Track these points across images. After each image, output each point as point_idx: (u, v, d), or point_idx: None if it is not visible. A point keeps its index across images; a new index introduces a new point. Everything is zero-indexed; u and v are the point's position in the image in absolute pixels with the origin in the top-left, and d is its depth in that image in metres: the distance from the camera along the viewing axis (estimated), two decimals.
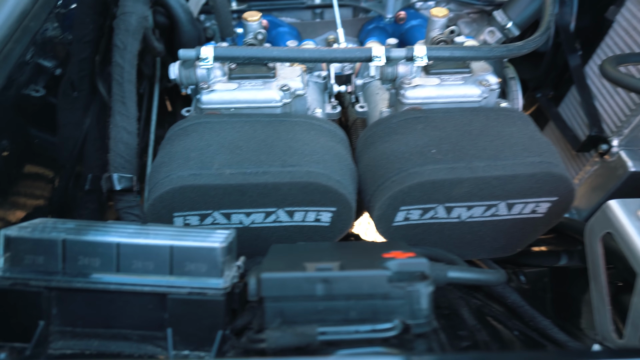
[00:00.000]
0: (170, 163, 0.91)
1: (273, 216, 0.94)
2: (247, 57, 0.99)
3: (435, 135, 0.96)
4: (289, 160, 0.90)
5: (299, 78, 1.06)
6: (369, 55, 1.00)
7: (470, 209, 0.95)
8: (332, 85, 1.26)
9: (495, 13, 1.50)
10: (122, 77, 1.05)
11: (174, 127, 1.02)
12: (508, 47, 1.07)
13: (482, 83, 1.06)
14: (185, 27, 1.30)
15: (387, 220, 0.95)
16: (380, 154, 0.97)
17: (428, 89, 1.05)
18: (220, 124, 0.98)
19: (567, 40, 1.71)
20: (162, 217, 0.91)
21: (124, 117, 1.05)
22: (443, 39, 1.11)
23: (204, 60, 0.98)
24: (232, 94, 1.03)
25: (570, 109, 1.78)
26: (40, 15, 0.80)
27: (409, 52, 1.00)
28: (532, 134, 0.98)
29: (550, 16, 1.29)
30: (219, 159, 0.89)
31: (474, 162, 0.90)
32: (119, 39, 1.06)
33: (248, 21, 1.11)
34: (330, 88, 1.26)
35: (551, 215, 0.98)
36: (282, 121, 1.00)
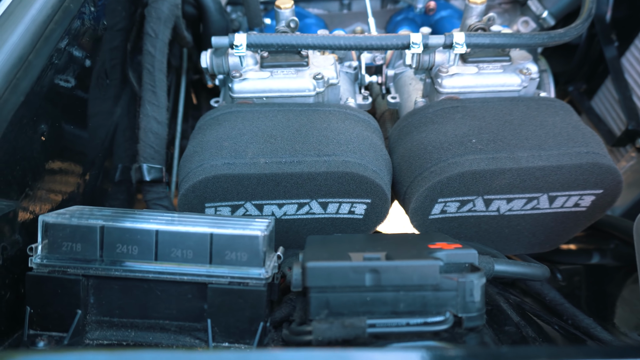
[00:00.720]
0: (203, 152, 0.89)
1: (306, 207, 0.91)
2: (281, 45, 0.97)
3: (475, 125, 0.92)
4: (325, 149, 0.87)
5: (332, 67, 1.04)
6: (407, 42, 0.97)
7: (510, 201, 0.91)
8: (363, 75, 1.23)
9: (530, 2, 1.46)
10: (153, 65, 1.04)
11: (204, 116, 1.00)
12: (550, 35, 1.03)
13: (523, 72, 1.02)
14: (214, 16, 1.28)
15: (423, 212, 0.92)
16: (417, 144, 0.94)
17: (466, 77, 1.01)
18: (253, 113, 0.96)
19: (603, 31, 1.65)
20: (194, 207, 0.89)
21: (154, 107, 1.04)
22: (481, 26, 1.07)
23: (238, 47, 0.96)
24: (265, 82, 1.01)
25: (604, 103, 1.72)
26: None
27: (448, 39, 0.97)
28: (576, 123, 0.94)
29: (592, 3, 1.24)
30: (253, 148, 0.87)
31: (517, 152, 0.87)
32: (151, 27, 1.05)
33: (281, 9, 1.09)
34: (362, 79, 1.23)
35: (595, 210, 0.94)
36: (315, 110, 0.98)
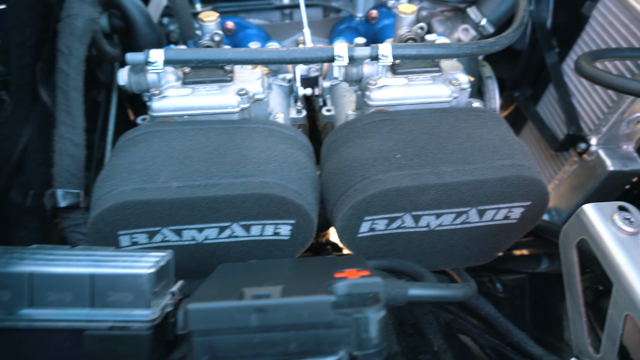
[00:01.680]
0: (114, 177, 0.84)
1: (228, 231, 0.87)
2: (200, 60, 0.93)
3: (401, 139, 0.90)
4: (243, 170, 0.83)
5: (258, 81, 1.00)
6: (331, 55, 0.94)
7: (440, 216, 0.89)
8: (297, 88, 1.19)
9: (468, 10, 1.45)
10: (67, 84, 0.98)
11: (122, 137, 0.95)
12: (479, 44, 1.01)
13: (452, 82, 1.00)
14: (142, 30, 1.23)
15: (351, 231, 0.89)
16: (343, 161, 0.90)
17: (395, 89, 0.99)
18: (171, 133, 0.91)
19: (544, 37, 1.67)
20: (105, 236, 0.83)
21: (70, 128, 0.98)
22: (411, 36, 1.05)
23: (153, 64, 0.91)
24: (186, 99, 0.96)
25: (549, 108, 1.73)
26: None
27: (374, 51, 0.94)
28: (504, 135, 0.92)
29: (525, 11, 1.23)
30: (166, 171, 0.83)
31: (441, 166, 0.84)
32: (64, 43, 0.99)
33: (204, 22, 1.04)
34: (296, 91, 1.20)
35: (525, 221, 0.93)
36: (238, 128, 0.94)
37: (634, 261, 0.70)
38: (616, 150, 1.46)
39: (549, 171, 1.75)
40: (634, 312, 0.68)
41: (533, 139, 1.87)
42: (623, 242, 0.72)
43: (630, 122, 1.40)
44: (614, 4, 1.40)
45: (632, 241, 0.73)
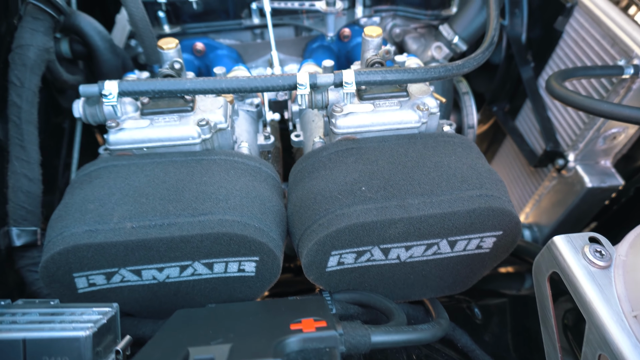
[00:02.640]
0: (66, 217, 0.79)
1: (190, 269, 0.83)
2: (157, 91, 0.89)
3: (367, 170, 0.87)
4: (200, 207, 0.79)
5: (220, 110, 0.97)
6: (292, 83, 0.91)
7: (409, 249, 0.86)
8: (265, 113, 1.16)
9: (441, 28, 1.43)
10: (19, 117, 0.94)
11: (78, 172, 0.90)
12: (446, 67, 0.99)
13: (420, 108, 0.97)
14: (104, 55, 1.19)
15: (318, 266, 0.85)
16: (308, 193, 0.87)
17: (361, 116, 0.96)
18: (128, 168, 0.88)
19: (519, 52, 1.66)
20: (60, 279, 0.79)
21: (24, 163, 0.94)
22: (378, 60, 1.03)
23: (108, 96, 0.87)
24: (144, 132, 0.92)
25: (527, 122, 1.72)
26: None
27: (337, 78, 0.92)
28: (473, 162, 0.90)
29: (494, 31, 1.22)
30: (121, 210, 0.79)
31: (408, 199, 0.81)
32: (15, 75, 0.95)
33: (163, 49, 1.01)
34: (264, 116, 1.17)
35: (498, 250, 0.90)
36: (199, 160, 0.90)
37: (605, 297, 0.67)
38: (594, 166, 1.44)
39: (529, 187, 1.73)
40: (606, 352, 0.65)
41: (513, 154, 1.85)
42: (594, 277, 0.70)
43: (607, 138, 1.39)
44: (586, 19, 1.39)
45: (604, 275, 0.70)
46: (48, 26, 1.00)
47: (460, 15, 1.42)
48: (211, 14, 1.46)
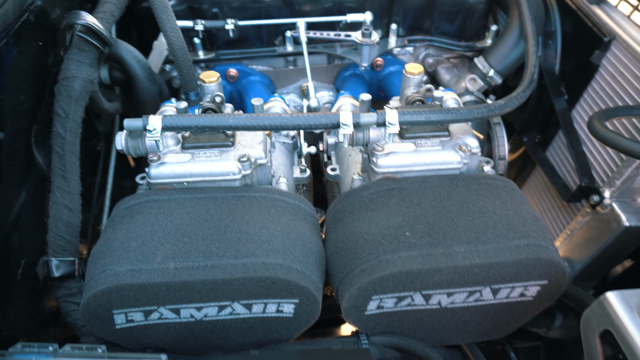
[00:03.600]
0: (108, 254, 0.79)
1: (228, 309, 0.82)
2: (200, 127, 0.89)
3: (410, 213, 0.85)
4: (243, 249, 0.79)
5: (260, 146, 0.96)
6: (336, 122, 0.90)
7: (451, 295, 0.84)
8: (301, 145, 1.16)
9: (476, 60, 1.42)
10: (62, 148, 0.95)
11: (119, 205, 0.91)
12: (489, 107, 0.98)
13: (462, 148, 0.96)
14: (142, 83, 1.20)
15: (358, 310, 0.84)
16: (349, 235, 0.86)
17: (402, 156, 0.95)
18: (170, 204, 0.87)
19: (552, 83, 1.64)
20: (99, 315, 0.79)
21: (65, 193, 0.94)
22: (419, 98, 1.02)
23: (152, 132, 0.87)
24: (185, 166, 0.92)
25: (559, 154, 1.69)
26: None
27: (380, 118, 0.91)
28: (518, 208, 0.88)
29: (534, 67, 1.21)
30: (163, 250, 0.78)
31: (453, 246, 0.80)
32: (60, 106, 0.96)
33: (205, 83, 1.01)
34: (300, 149, 1.16)
35: (542, 299, 0.88)
36: (239, 197, 0.90)
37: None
38: (631, 204, 1.41)
39: (560, 220, 1.70)
40: None
41: (543, 185, 1.82)
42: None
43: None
44: (624, 54, 1.37)
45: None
46: (93, 58, 1.01)
47: (496, 48, 1.41)
48: (245, 40, 1.47)
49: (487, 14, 1.45)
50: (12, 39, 0.86)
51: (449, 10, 1.43)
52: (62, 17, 1.02)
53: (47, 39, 0.98)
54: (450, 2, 1.41)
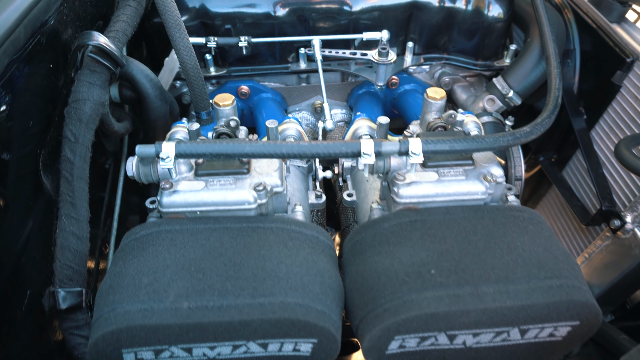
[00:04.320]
0: (118, 290, 0.75)
1: (243, 348, 0.78)
2: (215, 154, 0.86)
3: (435, 249, 0.81)
4: (260, 287, 0.75)
5: (276, 173, 0.93)
6: (356, 150, 0.86)
7: (477, 335, 0.80)
8: (316, 169, 1.12)
9: (495, 81, 1.39)
10: (72, 174, 0.91)
11: (129, 234, 0.87)
12: (514, 135, 0.94)
13: (487, 178, 0.92)
14: (153, 103, 1.16)
15: (379, 350, 0.80)
16: (371, 270, 0.82)
17: (425, 186, 0.91)
18: (182, 235, 0.84)
19: (570, 103, 1.59)
20: (107, 355, 0.75)
21: (73, 220, 0.91)
22: (441, 124, 0.98)
23: (165, 160, 0.84)
24: (198, 195, 0.88)
25: (577, 175, 1.65)
26: None
27: (404, 147, 0.87)
28: (547, 243, 0.84)
29: (557, 91, 1.17)
30: (177, 287, 0.74)
31: (482, 286, 0.76)
32: (70, 130, 0.92)
33: (220, 106, 0.98)
34: (315, 173, 1.12)
35: (572, 339, 0.84)
36: (255, 229, 0.86)
37: None
38: None
39: (577, 242, 1.65)
40: None
41: (559, 204, 1.78)
42: None
43: None
44: None
45: None
46: (105, 79, 0.98)
47: (516, 68, 1.37)
48: (258, 57, 1.44)
49: (506, 32, 1.42)
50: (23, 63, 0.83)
51: (468, 29, 1.39)
52: (74, 36, 0.99)
53: (58, 60, 0.94)
54: (469, 20, 1.38)
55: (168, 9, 1.13)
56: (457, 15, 1.37)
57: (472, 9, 1.36)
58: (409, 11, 1.38)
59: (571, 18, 1.63)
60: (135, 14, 1.13)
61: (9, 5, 0.74)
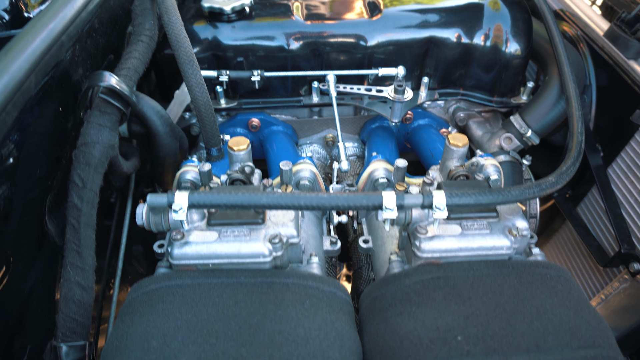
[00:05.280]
0: (125, 353, 0.71)
1: None
2: (230, 205, 0.82)
3: (460, 312, 0.77)
4: (277, 354, 0.70)
5: (292, 223, 0.89)
6: (378, 203, 0.83)
7: None
8: (332, 213, 1.08)
9: (512, 119, 1.35)
10: (78, 221, 0.87)
11: (137, 288, 0.83)
12: (540, 186, 0.90)
13: (512, 232, 0.88)
14: (163, 140, 1.13)
15: None
16: (392, 333, 0.78)
17: (448, 240, 0.87)
18: (194, 291, 0.79)
19: (587, 139, 1.56)
20: None
21: (78, 270, 0.87)
22: (463, 173, 0.95)
23: (177, 212, 0.80)
24: (211, 247, 0.84)
25: (592, 212, 1.61)
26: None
27: (427, 201, 0.83)
28: (577, 306, 0.80)
29: (580, 135, 1.14)
30: (188, 353, 0.70)
31: (512, 356, 0.71)
32: (78, 174, 0.88)
33: (234, 151, 0.94)
34: (330, 217, 1.08)
35: None
36: (270, 285, 0.81)
37: None
38: None
39: (593, 282, 1.61)
40: None
41: (572, 241, 1.74)
42: None
43: None
44: None
45: None
46: (115, 120, 0.95)
47: (534, 107, 1.34)
48: (269, 90, 1.41)
49: (523, 69, 1.39)
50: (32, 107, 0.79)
51: (485, 65, 1.37)
52: (85, 76, 0.96)
53: (67, 101, 0.91)
54: (486, 57, 1.35)
55: (181, 44, 1.10)
56: (475, 52, 1.35)
57: (490, 45, 1.34)
58: (426, 46, 1.35)
59: (586, 52, 1.60)
60: (147, 49, 1.10)
61: (21, 54, 0.71)
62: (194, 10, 1.37)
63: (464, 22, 1.33)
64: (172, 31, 1.10)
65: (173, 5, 1.15)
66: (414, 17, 1.34)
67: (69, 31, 0.84)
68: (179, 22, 1.12)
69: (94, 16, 0.96)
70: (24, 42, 0.73)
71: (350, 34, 1.32)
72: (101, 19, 1.01)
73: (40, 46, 0.75)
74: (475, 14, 1.34)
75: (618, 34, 1.51)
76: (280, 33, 1.32)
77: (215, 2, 1.31)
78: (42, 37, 0.76)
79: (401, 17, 1.34)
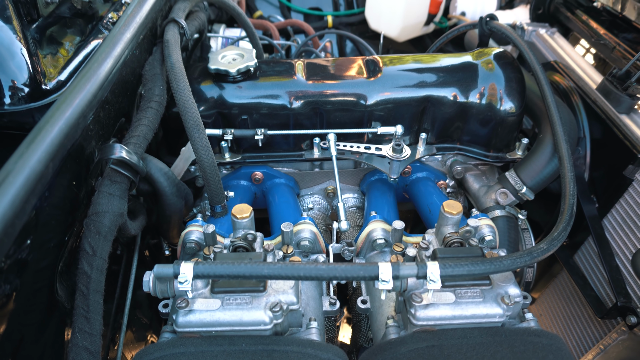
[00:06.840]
0: None
1: None
2: (234, 276, 0.85)
3: None
4: None
5: (292, 290, 0.92)
6: (374, 274, 0.86)
7: None
8: None
9: (507, 175, 1.40)
10: (87, 287, 0.91)
11: (142, 354, 0.86)
12: (532, 254, 0.94)
13: (505, 301, 0.91)
14: (169, 199, 1.18)
15: None
16: None
17: (442, 309, 0.90)
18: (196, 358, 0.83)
19: (582, 190, 1.60)
20: None
21: (86, 335, 0.90)
22: (458, 239, 0.99)
23: (182, 283, 0.84)
24: (214, 315, 0.88)
25: (589, 261, 1.63)
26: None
27: (422, 272, 0.87)
28: None
29: (572, 198, 1.18)
30: None
31: None
32: (88, 242, 0.93)
33: (237, 219, 0.98)
34: None
35: None
36: (270, 353, 0.85)
37: None
38: None
39: (591, 331, 1.62)
40: None
41: (570, 289, 1.75)
42: None
43: None
44: None
45: None
46: (125, 189, 0.99)
47: (528, 164, 1.38)
48: (272, 145, 1.46)
49: (518, 126, 1.44)
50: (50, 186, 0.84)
51: (480, 122, 1.41)
52: (97, 147, 1.01)
53: (80, 172, 0.96)
54: (482, 114, 1.40)
55: (188, 110, 1.16)
56: (471, 110, 1.40)
57: (485, 103, 1.39)
58: (423, 105, 1.40)
59: (580, 104, 1.66)
60: (156, 115, 1.16)
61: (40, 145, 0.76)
62: (200, 69, 1.43)
63: (460, 81, 1.39)
64: (180, 97, 1.16)
65: (181, 70, 1.21)
66: (411, 77, 1.40)
67: (84, 112, 0.89)
68: (187, 88, 1.18)
69: (107, 91, 1.02)
70: (43, 132, 0.78)
71: (350, 93, 1.38)
72: (114, 91, 1.07)
73: (59, 135, 0.80)
74: (470, 75, 1.40)
75: (610, 89, 1.57)
76: (283, 92, 1.38)
77: (221, 63, 1.37)
78: (59, 126, 0.81)
79: (399, 77, 1.40)
